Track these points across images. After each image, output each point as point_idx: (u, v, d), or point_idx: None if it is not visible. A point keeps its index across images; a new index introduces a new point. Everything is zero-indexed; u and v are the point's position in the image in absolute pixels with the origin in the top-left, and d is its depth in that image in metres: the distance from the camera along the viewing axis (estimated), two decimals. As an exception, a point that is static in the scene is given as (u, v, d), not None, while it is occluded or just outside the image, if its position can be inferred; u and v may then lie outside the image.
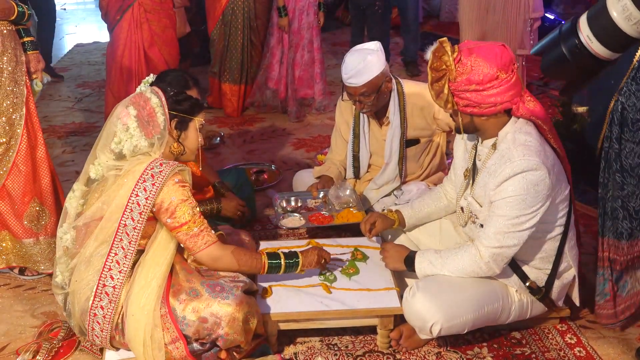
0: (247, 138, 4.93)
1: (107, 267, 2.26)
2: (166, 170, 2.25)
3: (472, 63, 2.20)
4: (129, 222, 2.25)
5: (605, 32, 1.50)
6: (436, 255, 2.47)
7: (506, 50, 2.24)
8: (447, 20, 8.36)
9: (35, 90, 2.98)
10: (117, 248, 2.26)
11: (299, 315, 2.50)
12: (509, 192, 2.26)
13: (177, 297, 2.30)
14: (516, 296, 2.51)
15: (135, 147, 2.28)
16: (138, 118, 2.28)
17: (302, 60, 5.19)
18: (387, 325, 2.54)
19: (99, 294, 2.27)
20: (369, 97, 3.02)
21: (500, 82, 2.21)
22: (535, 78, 5.85)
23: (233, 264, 2.37)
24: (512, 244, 2.32)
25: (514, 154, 2.26)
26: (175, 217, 2.25)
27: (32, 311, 2.88)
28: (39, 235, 3.04)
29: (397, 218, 2.80)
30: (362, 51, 3.02)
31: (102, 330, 2.30)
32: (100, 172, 2.32)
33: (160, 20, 4.42)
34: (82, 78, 6.49)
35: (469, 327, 2.44)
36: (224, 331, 2.28)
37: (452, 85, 2.24)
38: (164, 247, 2.33)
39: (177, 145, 2.39)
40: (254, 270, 2.47)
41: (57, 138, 4.95)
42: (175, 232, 2.28)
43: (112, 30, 4.45)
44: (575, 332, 2.67)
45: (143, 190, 2.23)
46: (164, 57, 4.47)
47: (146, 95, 2.34)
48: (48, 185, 3.02)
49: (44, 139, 3.02)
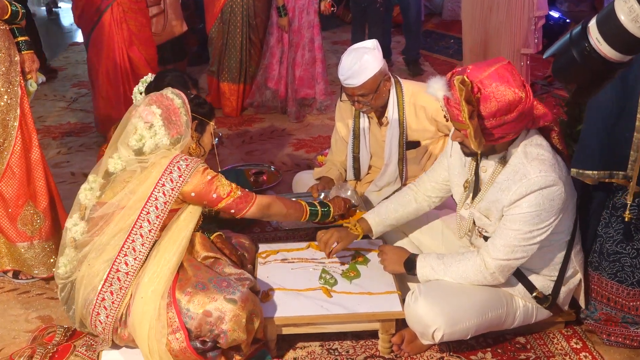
0: (246, 138, 4.92)
1: (123, 253, 2.34)
2: (193, 164, 2.41)
3: (494, 92, 2.11)
4: (152, 210, 2.36)
5: (614, 34, 1.50)
6: (438, 260, 2.46)
7: (510, 65, 2.17)
8: (449, 18, 8.36)
9: (29, 90, 2.97)
10: (136, 235, 2.35)
11: (299, 319, 2.50)
12: (524, 208, 2.23)
13: (183, 290, 2.34)
14: (521, 302, 2.50)
15: (156, 146, 2.39)
16: (163, 117, 2.39)
17: (303, 59, 5.19)
18: (388, 329, 2.53)
19: (110, 279, 2.33)
20: (367, 96, 3.02)
21: (524, 104, 2.14)
22: (540, 77, 5.85)
23: (282, 208, 2.59)
24: (520, 256, 2.31)
25: (529, 170, 2.22)
26: (218, 191, 2.44)
27: (26, 315, 2.88)
28: (33, 239, 3.03)
29: (360, 232, 2.73)
30: (358, 50, 3.01)
31: (107, 316, 2.34)
32: (119, 165, 2.41)
33: (137, 19, 4.43)
34: (77, 77, 6.47)
35: (472, 333, 2.43)
36: (227, 327, 2.29)
37: (481, 123, 2.14)
38: (177, 236, 2.42)
39: (195, 146, 2.59)
40: (298, 215, 2.66)
41: (52, 139, 4.95)
42: (224, 203, 2.46)
43: (90, 33, 4.41)
44: (581, 336, 2.66)
45: (170, 181, 2.37)
46: (144, 56, 4.48)
47: (170, 96, 2.47)
48: (43, 188, 3.01)
49: (38, 140, 3.01)
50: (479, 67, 2.17)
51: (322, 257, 2.81)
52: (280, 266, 2.77)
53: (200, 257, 2.50)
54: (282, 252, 2.87)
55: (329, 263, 2.77)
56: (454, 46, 7.31)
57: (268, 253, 2.86)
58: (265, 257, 2.84)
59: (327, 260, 2.78)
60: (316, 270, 2.72)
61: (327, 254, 2.69)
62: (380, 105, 3.13)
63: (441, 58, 6.94)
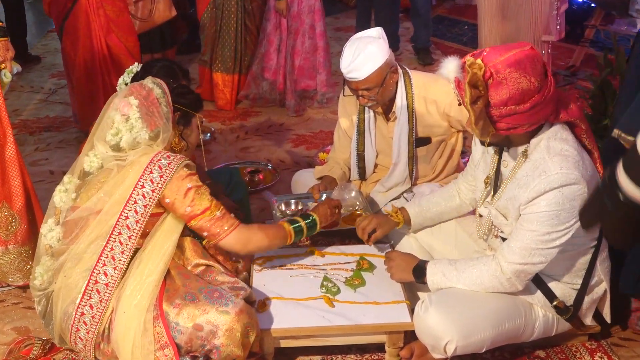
0: (240, 134, 4.93)
1: (102, 263, 2.31)
2: (174, 162, 2.35)
3: (507, 79, 2.11)
4: (131, 215, 2.32)
5: None
6: (450, 267, 2.47)
7: (533, 51, 2.17)
8: (463, 2, 8.38)
9: (4, 81, 2.98)
10: (115, 242, 2.32)
11: (299, 331, 2.50)
12: (541, 207, 2.24)
13: (171, 302, 2.33)
14: (540, 311, 2.50)
15: (135, 140, 2.35)
16: (140, 108, 2.36)
17: (303, 47, 5.19)
18: (396, 342, 2.54)
19: (89, 292, 2.31)
20: (372, 90, 3.02)
21: (541, 95, 2.14)
22: (562, 67, 5.85)
23: (263, 240, 2.50)
24: (539, 261, 2.31)
25: (549, 166, 2.22)
26: (194, 205, 2.35)
27: (1, 327, 2.89)
28: (8, 243, 3.03)
29: (401, 220, 2.80)
30: (362, 40, 3.00)
31: (88, 332, 2.33)
32: (95, 164, 2.39)
33: (115, 3, 4.38)
34: (56, 67, 6.46)
35: (487, 346, 2.43)
36: (220, 342, 2.29)
37: (489, 111, 2.16)
38: (162, 244, 2.39)
39: (179, 140, 2.54)
40: (283, 241, 2.60)
41: (29, 134, 4.96)
42: (197, 221, 2.36)
43: (63, 21, 4.39)
44: (606, 350, 2.66)
45: (150, 182, 2.31)
46: (124, 44, 4.44)
47: (148, 86, 2.43)
48: (18, 188, 3.02)
49: (13, 136, 3.01)
50: (496, 51, 2.17)
51: (323, 263, 2.82)
52: (278, 273, 2.78)
53: (191, 265, 2.49)
54: (280, 258, 2.88)
55: (332, 270, 2.78)
56: (468, 33, 7.33)
57: (265, 259, 2.87)
58: (262, 263, 2.84)
59: (330, 266, 2.79)
60: (317, 278, 2.73)
61: (365, 241, 2.79)
62: (387, 100, 3.13)
63: (454, 46, 6.96)
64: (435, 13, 7.97)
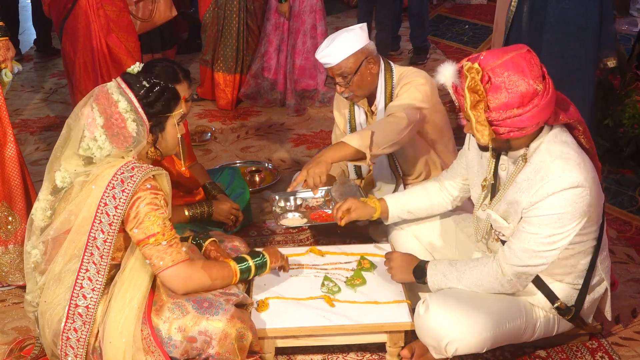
0: (241, 134, 4.93)
1: (79, 285, 2.25)
2: (138, 175, 2.21)
3: (505, 82, 2.11)
4: (98, 235, 2.22)
5: None
6: (451, 267, 2.46)
7: (530, 53, 2.17)
8: (463, 2, 8.36)
9: (4, 81, 2.97)
10: (89, 264, 2.24)
11: (299, 330, 2.50)
12: (544, 210, 2.23)
13: (160, 316, 2.29)
14: (541, 312, 2.50)
15: (108, 156, 2.26)
16: (106, 129, 2.24)
17: (304, 47, 5.19)
18: (397, 342, 2.54)
19: (72, 316, 2.26)
20: (347, 78, 3.02)
21: (540, 97, 2.13)
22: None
23: (205, 280, 2.32)
24: (540, 263, 2.30)
25: (551, 170, 2.21)
26: (142, 227, 2.20)
27: (1, 326, 2.89)
28: (8, 243, 3.03)
29: (378, 207, 2.79)
30: (340, 30, 3.04)
31: (76, 355, 2.29)
32: (67, 179, 2.30)
33: (115, 3, 4.34)
34: (57, 67, 6.45)
35: (488, 346, 2.42)
36: (215, 350, 2.28)
37: (489, 115, 2.15)
38: (143, 263, 2.30)
39: (153, 150, 2.39)
40: (227, 281, 2.42)
41: (29, 133, 4.96)
42: (142, 245, 2.22)
43: (63, 22, 4.36)
44: (607, 350, 2.66)
45: (112, 198, 2.20)
46: (124, 44, 4.40)
47: (113, 98, 2.26)
48: (18, 188, 3.01)
49: (14, 136, 3.01)
50: (493, 54, 2.17)
51: (324, 263, 2.82)
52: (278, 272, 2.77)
53: None
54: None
55: (332, 269, 2.77)
56: (468, 32, 7.32)
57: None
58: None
59: (330, 266, 2.78)
60: (318, 277, 2.72)
61: (337, 220, 2.78)
62: (367, 91, 3.13)
63: (455, 46, 6.95)
64: (435, 12, 7.97)
